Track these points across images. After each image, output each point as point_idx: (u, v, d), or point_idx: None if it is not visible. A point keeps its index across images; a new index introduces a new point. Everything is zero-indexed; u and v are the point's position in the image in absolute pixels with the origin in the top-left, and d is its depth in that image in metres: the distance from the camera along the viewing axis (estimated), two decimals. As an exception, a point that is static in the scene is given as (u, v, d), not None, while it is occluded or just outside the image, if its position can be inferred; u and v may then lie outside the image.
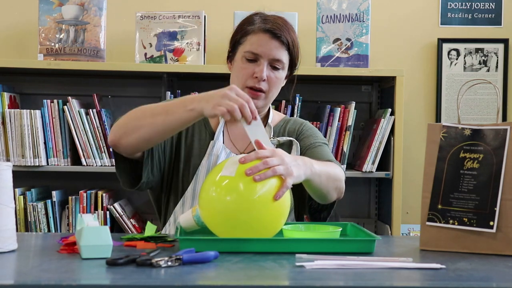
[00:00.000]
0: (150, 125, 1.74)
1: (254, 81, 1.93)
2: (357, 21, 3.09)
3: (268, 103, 2.01)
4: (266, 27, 1.94)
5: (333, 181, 1.84)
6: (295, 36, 1.99)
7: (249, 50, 1.94)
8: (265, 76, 1.92)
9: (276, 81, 1.96)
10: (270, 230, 1.60)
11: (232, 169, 1.56)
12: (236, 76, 1.97)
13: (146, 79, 3.27)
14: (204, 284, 1.27)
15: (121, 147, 1.81)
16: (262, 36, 1.93)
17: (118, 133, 1.79)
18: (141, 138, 1.77)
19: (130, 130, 1.77)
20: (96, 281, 1.27)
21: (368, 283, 1.27)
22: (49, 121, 3.00)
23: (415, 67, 3.38)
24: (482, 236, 1.58)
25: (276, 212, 1.59)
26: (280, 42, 1.93)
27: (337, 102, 3.18)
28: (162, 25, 3.07)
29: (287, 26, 1.97)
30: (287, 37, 1.94)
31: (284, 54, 1.95)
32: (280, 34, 1.93)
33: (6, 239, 1.50)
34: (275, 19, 1.96)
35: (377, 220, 3.34)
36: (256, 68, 1.93)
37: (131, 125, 1.77)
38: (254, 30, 1.95)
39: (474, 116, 3.36)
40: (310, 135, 2.05)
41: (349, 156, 3.20)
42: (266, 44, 1.93)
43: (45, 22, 3.06)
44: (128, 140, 1.78)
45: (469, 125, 1.64)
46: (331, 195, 1.88)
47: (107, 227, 1.45)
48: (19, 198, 2.97)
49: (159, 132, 1.76)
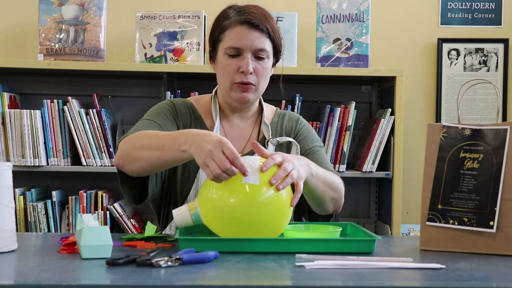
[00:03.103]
0: (147, 159, 1.74)
1: (241, 76, 1.89)
2: (357, 21, 3.09)
3: (259, 95, 1.97)
4: (242, 19, 1.88)
5: (329, 188, 1.85)
6: (273, 21, 1.93)
7: (230, 45, 1.89)
8: (251, 69, 1.88)
9: (263, 71, 1.91)
10: (274, 231, 1.60)
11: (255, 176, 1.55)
12: (221, 74, 1.93)
13: (146, 79, 3.27)
14: (204, 284, 1.27)
15: (126, 171, 1.82)
16: (240, 28, 1.89)
17: (121, 161, 1.80)
18: (141, 169, 1.78)
19: (131, 160, 1.78)
20: (96, 281, 1.27)
21: (368, 283, 1.27)
22: (49, 121, 3.00)
23: (415, 67, 3.38)
24: (482, 236, 1.58)
25: (280, 214, 1.59)
26: (259, 31, 1.88)
27: (337, 102, 3.18)
28: (162, 25, 3.07)
29: (264, 13, 1.92)
30: (266, 24, 1.89)
31: (266, 42, 1.90)
32: (258, 23, 1.88)
33: (6, 239, 1.50)
34: (249, 9, 1.91)
35: (377, 220, 3.35)
36: (240, 62, 1.89)
37: (131, 155, 1.77)
38: (231, 24, 1.90)
39: (474, 116, 3.36)
40: (307, 136, 2.04)
41: (349, 156, 3.20)
42: (246, 36, 1.88)
43: (45, 22, 3.06)
44: (131, 169, 1.80)
45: (469, 125, 1.64)
46: (327, 204, 1.88)
47: (107, 227, 1.45)
48: (19, 198, 2.96)
49: (155, 166, 1.76)
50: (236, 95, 1.91)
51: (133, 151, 1.76)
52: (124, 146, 1.80)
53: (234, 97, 1.92)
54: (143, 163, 1.75)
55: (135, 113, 3.26)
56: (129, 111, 3.28)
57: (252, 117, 2.03)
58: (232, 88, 1.91)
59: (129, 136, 1.81)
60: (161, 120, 1.93)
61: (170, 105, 2.00)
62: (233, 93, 1.92)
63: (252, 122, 2.03)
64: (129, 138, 1.80)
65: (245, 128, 2.01)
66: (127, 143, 1.79)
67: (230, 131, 2.00)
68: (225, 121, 2.01)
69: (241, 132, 2.01)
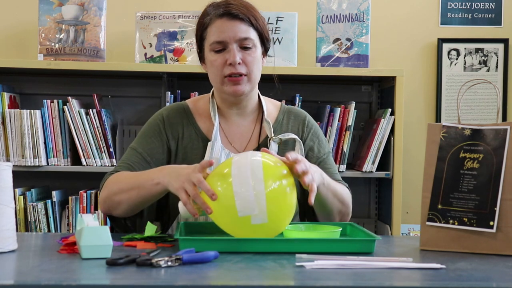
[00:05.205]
0: (127, 200, 1.81)
1: (230, 68, 1.86)
2: (357, 21, 3.09)
3: (254, 85, 1.93)
4: (220, 12, 1.87)
5: (338, 201, 1.87)
6: (255, 11, 1.91)
7: (214, 40, 1.87)
8: (238, 59, 1.85)
9: (252, 60, 1.88)
10: (277, 231, 1.60)
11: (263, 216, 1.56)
12: (211, 72, 1.91)
13: (146, 79, 3.27)
14: (204, 284, 1.27)
15: (115, 215, 1.89)
16: (220, 22, 1.88)
17: (105, 208, 1.88)
18: (125, 210, 1.85)
19: (115, 205, 1.85)
20: (96, 281, 1.27)
21: (368, 283, 1.27)
22: (49, 121, 2.99)
23: (415, 67, 3.38)
24: (482, 236, 1.58)
25: (286, 211, 1.60)
26: (240, 20, 1.87)
27: (337, 102, 3.18)
28: (162, 25, 3.07)
29: (243, 3, 1.90)
30: (246, 12, 1.88)
31: (249, 31, 1.88)
32: (236, 13, 1.86)
33: (6, 239, 1.50)
34: (228, 1, 1.90)
35: (377, 220, 3.35)
36: (227, 55, 1.87)
37: (113, 201, 1.84)
38: (211, 19, 1.89)
39: (474, 116, 3.36)
40: (316, 144, 2.01)
41: (349, 156, 3.20)
42: (227, 28, 1.87)
43: (45, 22, 3.06)
44: (117, 213, 1.87)
45: (469, 125, 1.64)
46: (334, 216, 1.89)
47: (107, 227, 1.45)
48: (19, 198, 2.96)
49: (137, 204, 1.83)
50: (229, 89, 1.89)
51: (114, 197, 1.83)
52: (105, 194, 1.86)
53: (227, 91, 1.90)
54: (125, 204, 1.82)
55: (135, 113, 3.26)
56: (129, 111, 3.28)
57: (252, 114, 2.00)
58: (223, 83, 1.89)
59: (106, 183, 1.86)
60: (146, 147, 1.94)
61: (161, 121, 1.97)
62: (226, 88, 1.89)
63: (253, 119, 2.00)
64: (107, 184, 1.86)
65: (245, 127, 1.99)
66: (105, 191, 1.86)
67: (230, 131, 1.98)
68: (224, 121, 1.98)
69: (241, 131, 1.99)
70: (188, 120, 1.97)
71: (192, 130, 1.96)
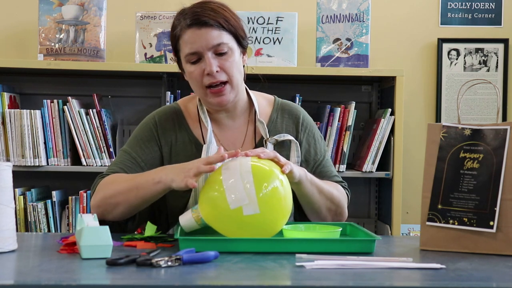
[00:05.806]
0: (125, 202, 1.77)
1: (209, 77, 1.81)
2: (357, 21, 3.09)
3: (238, 91, 1.87)
4: (188, 23, 1.81)
5: (325, 198, 1.85)
6: (225, 11, 1.84)
7: (187, 53, 1.82)
8: (215, 68, 1.80)
9: (230, 65, 1.82)
10: (273, 228, 1.61)
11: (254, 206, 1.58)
12: (192, 83, 1.87)
13: (146, 79, 3.27)
14: (204, 284, 1.27)
15: (109, 219, 1.83)
16: (190, 32, 1.81)
17: (98, 212, 1.80)
18: (123, 213, 1.81)
19: (111, 208, 1.80)
20: (96, 281, 1.27)
21: (368, 283, 1.27)
22: (49, 121, 2.99)
23: (415, 67, 3.38)
24: (482, 236, 1.58)
25: (276, 200, 1.60)
26: (209, 27, 1.80)
27: (337, 102, 3.18)
28: (162, 25, 3.07)
29: (211, 6, 1.83)
30: (214, 16, 1.80)
31: (221, 35, 1.81)
32: (205, 20, 1.79)
33: (6, 239, 1.50)
34: (193, 9, 1.83)
35: (377, 220, 3.35)
36: (203, 65, 1.81)
37: (109, 204, 1.79)
38: (181, 30, 1.83)
39: (474, 116, 3.36)
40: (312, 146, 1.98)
41: (349, 156, 3.20)
42: (198, 38, 1.80)
43: (45, 22, 3.06)
44: (113, 216, 1.82)
45: (469, 125, 1.64)
46: (324, 214, 1.88)
47: (107, 227, 1.45)
48: (19, 198, 2.96)
49: (135, 206, 1.79)
50: (213, 101, 1.85)
51: (109, 200, 1.79)
52: (99, 197, 1.82)
53: (212, 103, 1.85)
54: (123, 206, 1.78)
55: (135, 113, 3.26)
56: (129, 111, 3.28)
57: (243, 114, 1.95)
58: (206, 95, 1.85)
59: (99, 187, 1.83)
60: (139, 152, 1.90)
61: (154, 126, 1.93)
62: (210, 99, 1.85)
63: (245, 120, 1.95)
64: (100, 188, 1.82)
65: (238, 129, 1.94)
66: (100, 194, 1.82)
67: (223, 136, 1.93)
68: (215, 126, 1.93)
69: (235, 135, 1.94)
70: (180, 125, 1.93)
71: (185, 135, 1.92)
